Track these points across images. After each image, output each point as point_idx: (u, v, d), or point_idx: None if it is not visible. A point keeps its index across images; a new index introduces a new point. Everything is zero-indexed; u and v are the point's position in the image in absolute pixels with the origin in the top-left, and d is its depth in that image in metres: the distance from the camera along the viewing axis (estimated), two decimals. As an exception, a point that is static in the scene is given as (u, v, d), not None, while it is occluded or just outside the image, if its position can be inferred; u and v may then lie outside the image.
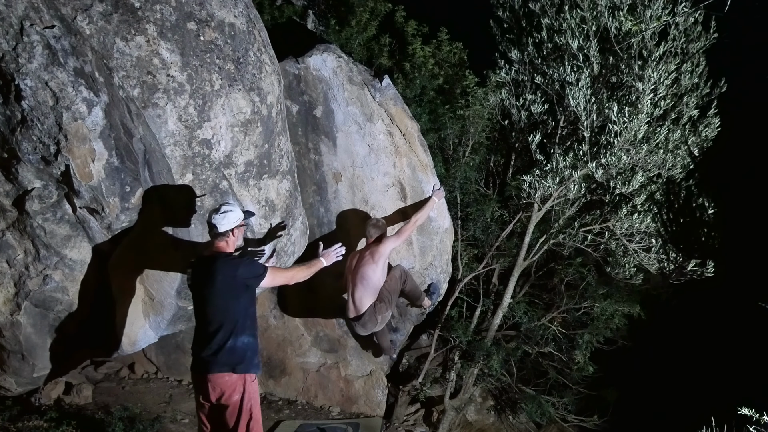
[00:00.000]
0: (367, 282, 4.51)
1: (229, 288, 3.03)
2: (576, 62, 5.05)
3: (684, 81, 5.01)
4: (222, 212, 3.13)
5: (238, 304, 3.04)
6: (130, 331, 3.85)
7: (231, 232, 3.15)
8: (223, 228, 3.12)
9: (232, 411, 3.01)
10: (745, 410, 2.85)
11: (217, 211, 3.15)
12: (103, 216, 3.23)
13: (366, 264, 4.50)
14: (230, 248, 3.19)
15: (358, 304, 4.55)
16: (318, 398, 5.65)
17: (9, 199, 3.14)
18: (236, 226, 3.17)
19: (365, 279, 4.50)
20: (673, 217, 5.44)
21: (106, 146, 3.10)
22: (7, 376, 3.69)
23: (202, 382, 3.04)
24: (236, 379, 3.01)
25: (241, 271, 3.06)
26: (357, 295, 4.54)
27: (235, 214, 3.16)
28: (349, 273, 4.62)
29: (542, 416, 5.98)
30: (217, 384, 3.00)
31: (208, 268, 3.08)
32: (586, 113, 4.99)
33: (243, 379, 3.03)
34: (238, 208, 3.23)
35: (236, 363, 3.00)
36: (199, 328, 3.13)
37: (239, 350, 3.01)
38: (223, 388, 3.00)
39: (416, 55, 6.77)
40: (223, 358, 2.98)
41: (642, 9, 4.72)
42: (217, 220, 3.11)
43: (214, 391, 3.01)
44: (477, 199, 6.22)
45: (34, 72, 2.86)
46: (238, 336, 3.02)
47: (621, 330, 6.17)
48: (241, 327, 3.04)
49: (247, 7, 3.80)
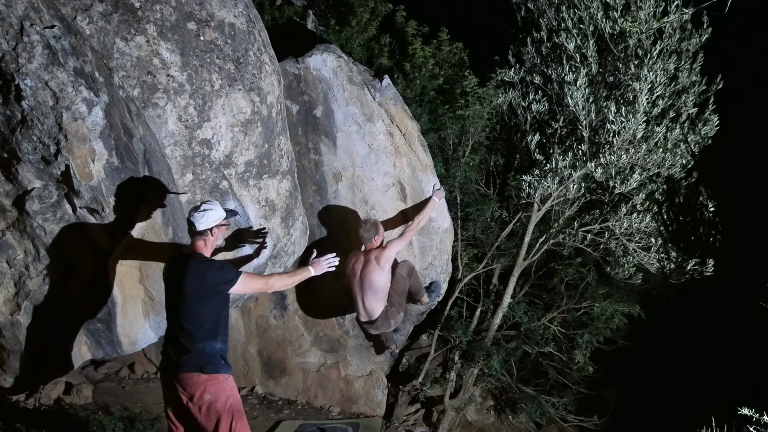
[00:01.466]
0: (375, 288, 4.47)
1: (198, 291, 2.91)
2: (574, 62, 5.06)
3: (682, 79, 5.02)
4: (201, 210, 3.02)
5: (206, 309, 2.92)
6: (130, 331, 3.85)
7: (210, 231, 3.04)
8: (201, 227, 3.00)
9: (207, 412, 2.89)
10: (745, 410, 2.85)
11: (197, 209, 3.04)
12: (103, 216, 3.23)
13: (372, 270, 4.45)
14: (207, 248, 3.07)
15: (370, 311, 4.53)
16: (318, 398, 5.65)
17: (9, 199, 3.14)
18: (215, 225, 3.05)
19: (373, 285, 4.46)
20: (673, 216, 5.45)
21: (106, 146, 3.10)
22: (7, 376, 3.69)
23: (171, 382, 2.95)
24: (205, 379, 2.89)
25: (210, 275, 2.93)
26: (367, 303, 4.51)
27: (215, 213, 3.05)
28: (352, 277, 4.57)
29: (542, 416, 5.98)
30: (186, 384, 2.90)
31: (180, 267, 2.97)
32: (585, 113, 5.00)
33: (214, 379, 2.91)
34: (219, 207, 3.10)
35: (205, 364, 2.90)
36: (169, 328, 3.03)
37: (209, 354, 2.92)
38: (193, 388, 2.89)
39: (416, 55, 6.77)
40: (192, 359, 2.89)
41: (635, 10, 4.74)
42: (195, 218, 3.00)
43: (184, 391, 2.91)
44: (477, 199, 6.22)
45: (34, 72, 2.86)
46: (207, 341, 2.91)
47: (621, 330, 6.17)
48: (210, 332, 2.93)
49: (247, 7, 3.80)
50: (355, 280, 4.54)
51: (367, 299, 4.50)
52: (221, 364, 2.97)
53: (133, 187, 3.26)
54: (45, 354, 3.62)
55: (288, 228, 4.37)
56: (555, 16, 5.25)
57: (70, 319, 3.58)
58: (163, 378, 3.05)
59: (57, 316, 3.50)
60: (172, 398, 2.99)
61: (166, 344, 3.03)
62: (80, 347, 3.74)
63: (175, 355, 2.94)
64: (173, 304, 2.99)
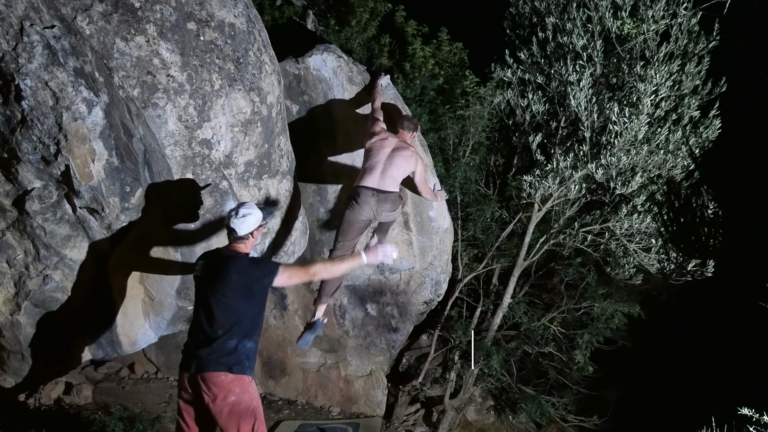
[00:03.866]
0: (399, 169, 4.21)
1: (242, 289, 2.90)
2: (579, 62, 5.05)
3: (686, 82, 5.01)
4: (241, 216, 2.98)
5: (248, 308, 2.93)
6: (130, 331, 3.85)
7: (251, 234, 3.03)
8: (243, 232, 2.99)
9: (230, 413, 2.83)
10: (745, 410, 2.85)
11: (236, 214, 2.99)
12: (103, 216, 3.23)
13: (401, 155, 4.21)
14: (248, 249, 3.07)
15: (388, 182, 4.18)
16: (318, 398, 5.65)
17: (9, 199, 3.14)
18: (255, 228, 3.04)
19: (399, 168, 4.21)
20: (674, 217, 5.45)
21: (106, 146, 3.10)
22: (7, 376, 3.70)
23: (193, 381, 2.88)
24: (232, 380, 2.85)
25: (255, 271, 2.94)
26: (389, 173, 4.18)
27: (254, 217, 3.02)
28: (380, 148, 4.25)
29: (542, 416, 5.98)
30: (212, 384, 2.83)
31: (223, 265, 2.94)
32: (587, 113, 4.99)
33: (240, 380, 2.87)
34: (257, 210, 3.06)
35: (233, 364, 2.85)
36: (199, 325, 2.94)
37: (240, 354, 2.88)
38: (219, 388, 2.83)
39: (416, 55, 6.77)
40: (223, 358, 2.84)
41: (644, 10, 4.72)
42: (236, 225, 2.97)
43: (208, 391, 2.83)
44: (477, 199, 6.22)
45: (34, 72, 2.86)
46: (243, 340, 2.89)
47: (621, 330, 6.17)
48: (248, 331, 2.92)
49: (247, 7, 3.80)
50: (383, 152, 4.23)
51: (390, 171, 4.18)
52: (247, 366, 2.93)
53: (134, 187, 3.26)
54: (45, 354, 3.62)
55: (288, 228, 4.37)
56: (560, 16, 5.24)
57: (71, 320, 3.58)
58: (184, 376, 2.95)
59: (57, 316, 3.51)
60: (192, 397, 2.92)
61: (191, 342, 2.96)
62: (80, 347, 3.75)
63: (201, 353, 2.87)
64: (209, 301, 2.92)
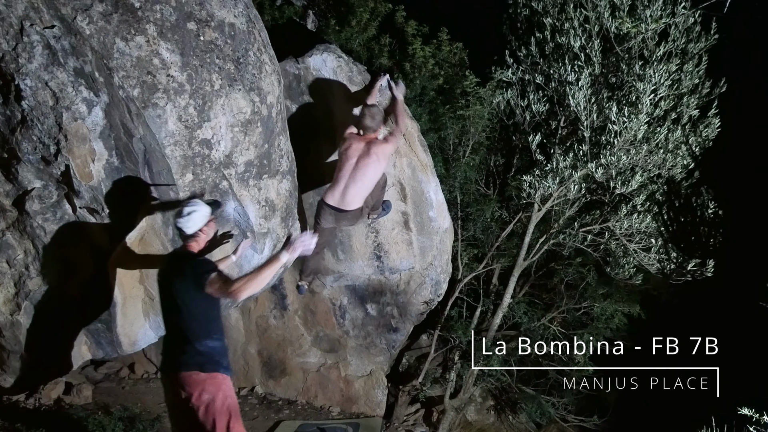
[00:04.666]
0: (365, 180, 4.21)
1: (191, 289, 2.90)
2: (578, 62, 5.05)
3: (685, 81, 5.01)
4: (186, 215, 2.98)
5: (195, 307, 2.92)
6: (130, 331, 3.84)
7: (200, 230, 3.03)
8: (191, 230, 3.00)
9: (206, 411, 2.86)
10: (745, 410, 2.86)
11: (181, 214, 2.99)
12: (103, 216, 3.23)
13: (372, 163, 4.19)
14: (200, 245, 3.08)
15: (349, 199, 4.22)
16: (318, 398, 5.65)
17: (9, 199, 3.13)
18: (204, 224, 3.04)
19: (366, 177, 4.20)
20: (674, 217, 5.45)
21: (106, 146, 3.10)
22: (7, 376, 3.69)
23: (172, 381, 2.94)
24: (205, 378, 2.88)
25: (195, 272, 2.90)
26: (350, 191, 4.20)
27: (201, 214, 3.01)
28: (345, 160, 4.24)
29: (542, 416, 5.98)
30: (186, 383, 2.88)
31: (173, 267, 2.99)
32: (587, 113, 4.99)
33: (213, 378, 2.90)
34: (203, 206, 3.05)
35: (203, 363, 2.89)
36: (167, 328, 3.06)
37: (205, 353, 2.91)
38: (192, 387, 2.87)
39: (416, 55, 6.78)
40: (191, 359, 2.89)
41: (642, 9, 4.72)
42: (182, 224, 2.98)
43: (183, 390, 2.88)
44: (477, 199, 6.23)
45: (34, 72, 2.86)
46: (204, 340, 2.92)
47: (621, 330, 6.17)
48: (206, 330, 2.95)
49: (247, 7, 3.80)
50: (348, 164, 4.22)
51: (353, 188, 4.20)
52: (220, 364, 2.97)
53: (133, 188, 3.26)
54: (45, 354, 3.62)
55: (288, 228, 4.37)
56: (559, 16, 5.24)
57: (70, 319, 3.58)
58: (164, 378, 3.06)
59: (57, 316, 3.51)
60: (173, 398, 2.98)
61: (165, 344, 3.05)
62: (80, 347, 3.74)
63: (174, 354, 2.95)
64: (167, 304, 3.00)
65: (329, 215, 4.28)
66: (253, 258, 4.15)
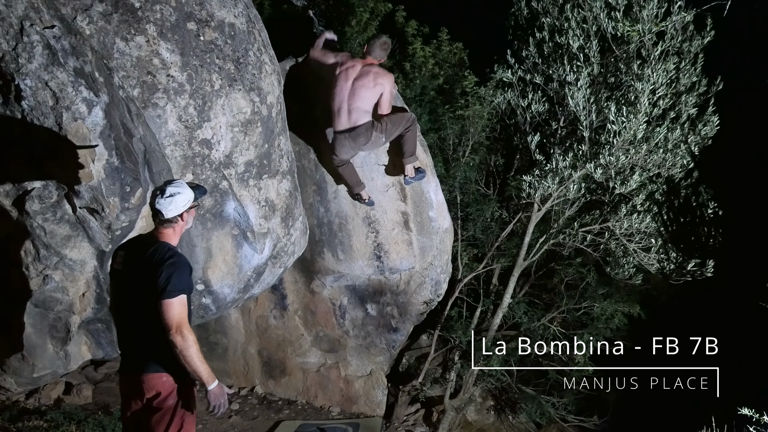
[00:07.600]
0: (361, 102, 4.31)
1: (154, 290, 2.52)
2: (576, 62, 5.06)
3: (683, 80, 5.02)
4: (168, 195, 2.58)
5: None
6: (130, 331, 3.84)
7: (180, 216, 2.63)
8: (170, 214, 2.59)
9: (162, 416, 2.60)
10: (745, 410, 2.86)
11: (162, 193, 2.59)
12: (103, 216, 3.23)
13: (366, 85, 4.31)
14: (176, 235, 2.69)
15: (354, 116, 4.33)
16: (318, 398, 5.65)
17: (9, 199, 3.14)
18: (186, 210, 2.65)
19: (360, 99, 4.31)
20: (673, 217, 5.45)
21: (106, 146, 3.10)
22: (7, 376, 3.69)
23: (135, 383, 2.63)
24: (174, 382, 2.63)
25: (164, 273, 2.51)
26: (354, 111, 4.31)
27: (184, 197, 2.61)
28: (343, 81, 4.33)
29: (542, 416, 5.98)
30: (152, 385, 2.59)
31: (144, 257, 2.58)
32: (586, 113, 5.00)
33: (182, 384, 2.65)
34: (187, 188, 2.65)
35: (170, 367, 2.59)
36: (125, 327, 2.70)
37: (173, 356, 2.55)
38: (160, 389, 2.60)
39: (416, 55, 6.77)
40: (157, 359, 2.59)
41: (637, 9, 4.73)
42: (161, 205, 2.57)
43: (149, 392, 2.60)
44: (477, 199, 6.23)
45: (34, 72, 2.86)
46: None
47: (621, 330, 6.17)
48: None
49: (247, 7, 3.80)
50: (345, 86, 4.33)
51: (354, 108, 4.32)
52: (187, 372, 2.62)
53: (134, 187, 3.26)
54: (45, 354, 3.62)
55: (288, 228, 4.37)
56: (558, 16, 5.25)
57: (70, 319, 3.58)
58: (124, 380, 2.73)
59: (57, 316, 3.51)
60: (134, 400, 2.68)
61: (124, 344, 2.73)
62: (80, 347, 3.74)
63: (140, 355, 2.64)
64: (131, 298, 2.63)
65: (345, 141, 4.39)
66: (253, 258, 4.15)
